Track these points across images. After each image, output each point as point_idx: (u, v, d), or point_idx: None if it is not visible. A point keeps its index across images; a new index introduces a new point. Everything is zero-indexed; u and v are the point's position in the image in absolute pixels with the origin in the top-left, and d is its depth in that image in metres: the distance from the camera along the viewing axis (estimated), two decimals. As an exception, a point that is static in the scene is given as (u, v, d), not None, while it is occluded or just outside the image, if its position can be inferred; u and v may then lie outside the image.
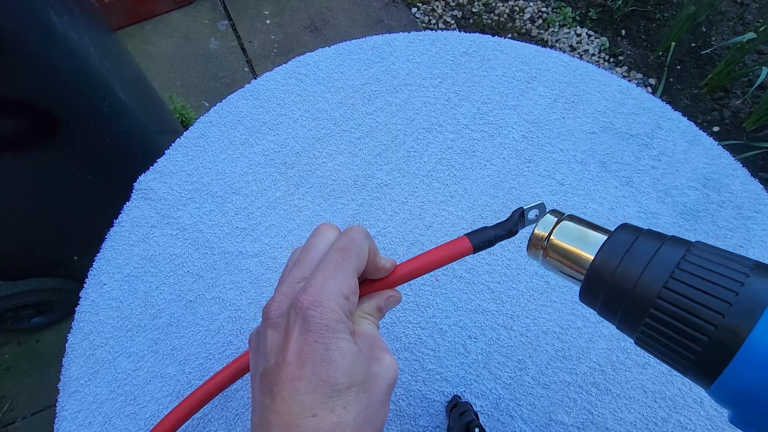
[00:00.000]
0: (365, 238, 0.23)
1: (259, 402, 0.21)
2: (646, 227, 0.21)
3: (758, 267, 0.18)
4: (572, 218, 0.24)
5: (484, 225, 0.27)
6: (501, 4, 1.63)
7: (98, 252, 0.46)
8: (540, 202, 0.25)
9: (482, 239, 0.25)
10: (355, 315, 0.24)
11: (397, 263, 0.26)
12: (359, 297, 0.25)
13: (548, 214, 0.24)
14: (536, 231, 0.24)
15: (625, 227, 0.21)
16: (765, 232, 0.45)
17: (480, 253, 0.45)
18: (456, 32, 0.57)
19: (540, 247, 0.24)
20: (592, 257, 0.21)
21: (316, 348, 0.19)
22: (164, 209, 0.47)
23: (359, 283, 0.25)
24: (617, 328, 0.21)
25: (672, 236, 0.20)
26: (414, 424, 0.38)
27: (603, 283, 0.20)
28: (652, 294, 0.18)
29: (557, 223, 0.23)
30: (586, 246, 0.22)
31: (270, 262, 0.45)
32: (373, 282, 0.26)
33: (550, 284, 0.43)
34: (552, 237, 0.23)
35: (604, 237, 0.22)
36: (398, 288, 0.27)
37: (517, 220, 0.25)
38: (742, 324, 0.16)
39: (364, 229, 0.24)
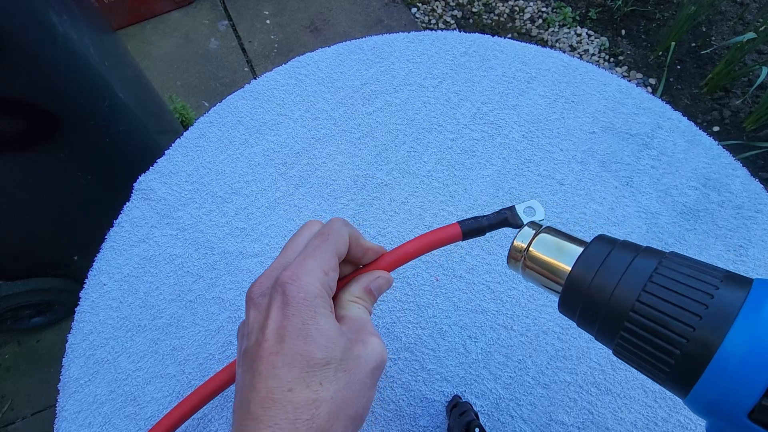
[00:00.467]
0: (343, 224, 0.24)
1: (240, 382, 0.21)
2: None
3: (728, 278, 0.18)
4: (550, 230, 0.24)
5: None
6: (501, 4, 1.63)
7: (98, 252, 0.46)
8: (532, 200, 0.27)
9: (472, 226, 0.26)
10: (344, 299, 0.24)
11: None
12: (348, 281, 0.26)
13: (526, 227, 0.25)
14: (515, 243, 0.24)
15: (600, 239, 0.22)
16: (765, 232, 0.45)
17: (480, 252, 0.45)
18: (456, 32, 0.57)
19: (519, 258, 0.24)
20: (569, 269, 0.22)
21: (293, 322, 0.20)
22: (164, 209, 0.47)
23: (351, 272, 0.26)
24: (596, 339, 0.21)
25: (646, 247, 0.20)
26: (414, 424, 0.38)
27: (580, 295, 0.21)
28: (626, 307, 0.19)
29: (536, 234, 0.24)
30: (563, 257, 0.22)
31: (270, 262, 0.45)
32: (364, 268, 0.27)
33: (550, 284, 0.43)
34: (531, 249, 0.24)
35: (581, 249, 0.22)
36: (400, 288, 0.27)
37: (508, 213, 0.26)
38: (712, 337, 0.17)
39: (343, 218, 0.25)
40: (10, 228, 0.76)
